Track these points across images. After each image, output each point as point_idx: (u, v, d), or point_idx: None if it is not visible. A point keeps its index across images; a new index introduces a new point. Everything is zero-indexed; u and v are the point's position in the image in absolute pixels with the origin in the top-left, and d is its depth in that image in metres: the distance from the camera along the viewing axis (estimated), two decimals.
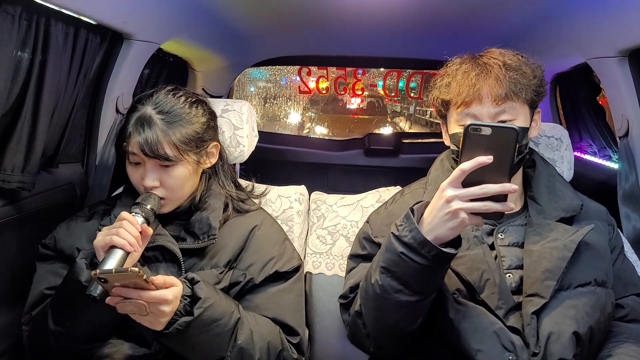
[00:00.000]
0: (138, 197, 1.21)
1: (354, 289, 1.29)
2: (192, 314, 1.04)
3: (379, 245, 1.28)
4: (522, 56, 1.23)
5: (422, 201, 1.09)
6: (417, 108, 10.87)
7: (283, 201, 1.62)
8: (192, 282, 1.09)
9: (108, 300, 0.98)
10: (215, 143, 1.34)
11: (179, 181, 1.23)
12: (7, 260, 1.36)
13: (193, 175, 1.27)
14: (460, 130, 1.20)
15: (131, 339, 1.20)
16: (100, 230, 1.16)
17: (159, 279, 0.99)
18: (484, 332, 1.11)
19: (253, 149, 1.64)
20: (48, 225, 1.32)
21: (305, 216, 1.65)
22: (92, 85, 1.64)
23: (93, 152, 1.71)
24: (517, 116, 1.19)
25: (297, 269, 1.34)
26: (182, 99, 1.25)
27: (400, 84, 3.53)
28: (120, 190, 1.54)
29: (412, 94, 3.73)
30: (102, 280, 0.94)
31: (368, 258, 1.32)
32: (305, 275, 1.52)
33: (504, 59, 1.20)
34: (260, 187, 1.58)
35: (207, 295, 1.07)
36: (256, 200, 1.49)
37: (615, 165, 2.07)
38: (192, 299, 1.07)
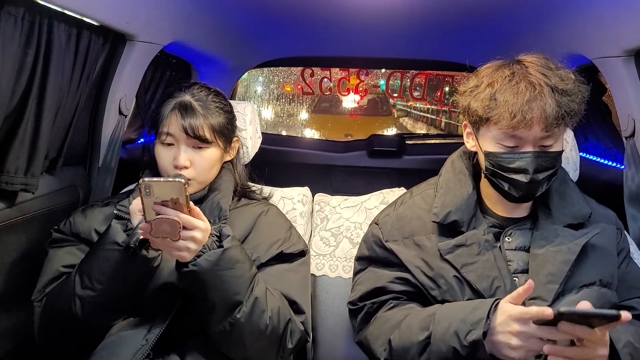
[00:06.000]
0: None
1: (364, 298, 1.29)
2: (222, 247, 1.09)
3: (389, 250, 1.28)
4: (572, 73, 1.15)
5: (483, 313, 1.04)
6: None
7: (286, 202, 1.61)
8: (218, 228, 1.15)
9: (143, 226, 1.02)
10: (237, 138, 1.45)
11: (208, 163, 1.32)
12: (10, 263, 1.36)
13: (218, 162, 1.37)
14: (499, 149, 1.16)
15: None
16: (118, 210, 1.24)
17: (195, 208, 1.06)
18: None
19: (257, 150, 1.63)
20: (51, 228, 1.32)
21: (309, 218, 1.64)
22: (95, 86, 1.64)
23: (96, 154, 1.71)
24: (559, 139, 1.16)
25: (303, 253, 1.36)
26: (213, 93, 1.38)
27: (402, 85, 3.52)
28: (131, 187, 1.54)
29: (415, 95, 3.70)
30: (147, 191, 0.98)
31: (376, 261, 1.31)
32: None
33: (556, 79, 1.11)
34: (265, 190, 1.58)
35: (234, 236, 1.14)
36: (261, 197, 1.51)
37: (621, 166, 2.06)
38: (219, 240, 1.12)
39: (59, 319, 1.17)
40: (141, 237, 1.04)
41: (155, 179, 1.00)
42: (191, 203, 1.04)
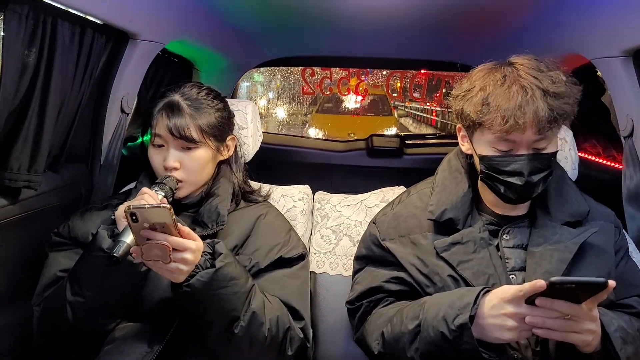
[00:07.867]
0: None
1: (360, 297, 1.30)
2: (214, 266, 1.07)
3: (385, 249, 1.29)
4: (563, 74, 1.15)
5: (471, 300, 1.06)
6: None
7: (287, 200, 1.62)
8: (212, 243, 1.14)
9: (133, 249, 1.01)
10: (232, 136, 1.41)
11: (198, 164, 1.29)
12: (12, 259, 1.36)
13: (211, 162, 1.34)
14: (493, 153, 1.16)
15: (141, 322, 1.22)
16: (114, 216, 1.21)
17: (185, 228, 1.04)
18: None
19: (257, 148, 1.64)
20: (53, 225, 1.33)
21: (309, 216, 1.65)
22: (98, 84, 1.64)
23: (98, 152, 1.72)
24: (553, 141, 1.17)
25: (302, 257, 1.36)
26: (205, 91, 1.35)
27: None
28: (130, 185, 1.55)
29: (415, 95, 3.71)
30: (133, 218, 0.97)
31: (374, 260, 1.32)
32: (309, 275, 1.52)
33: (547, 82, 1.11)
34: (264, 187, 1.58)
35: (227, 253, 1.12)
36: (261, 199, 1.50)
37: (619, 166, 2.07)
38: (212, 257, 1.11)
39: (55, 323, 1.18)
40: (125, 246, 1.03)
41: (140, 205, 0.98)
42: (179, 224, 1.02)
